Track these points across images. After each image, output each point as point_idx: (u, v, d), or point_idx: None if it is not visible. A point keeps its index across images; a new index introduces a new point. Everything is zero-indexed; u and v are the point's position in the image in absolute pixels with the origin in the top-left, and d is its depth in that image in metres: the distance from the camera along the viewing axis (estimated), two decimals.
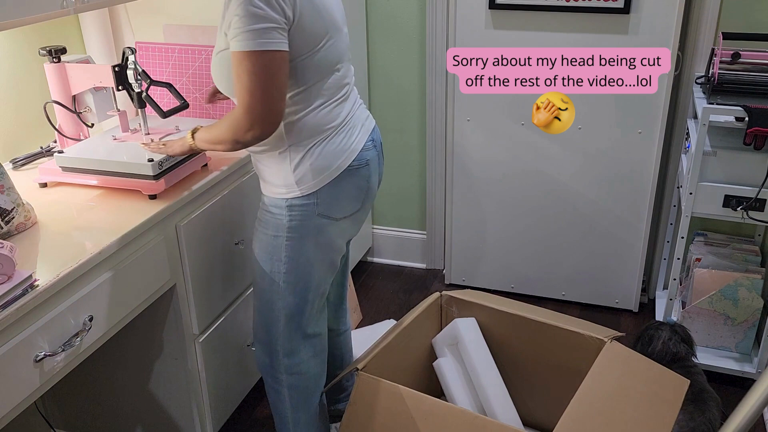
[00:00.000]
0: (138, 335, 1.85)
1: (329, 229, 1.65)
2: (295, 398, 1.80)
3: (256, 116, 1.44)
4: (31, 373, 1.33)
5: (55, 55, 1.84)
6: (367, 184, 1.69)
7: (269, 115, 1.45)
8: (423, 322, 2.02)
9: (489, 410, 1.87)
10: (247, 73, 1.41)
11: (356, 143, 1.64)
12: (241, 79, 1.42)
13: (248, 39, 1.38)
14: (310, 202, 1.60)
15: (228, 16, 1.41)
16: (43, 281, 1.34)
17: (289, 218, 1.61)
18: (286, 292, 1.68)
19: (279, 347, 1.74)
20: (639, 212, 2.60)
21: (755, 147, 2.03)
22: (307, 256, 1.65)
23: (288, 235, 1.62)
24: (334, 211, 1.63)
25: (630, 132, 2.50)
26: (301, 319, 1.72)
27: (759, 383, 1.05)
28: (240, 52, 1.40)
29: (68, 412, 2.07)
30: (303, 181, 1.58)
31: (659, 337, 2.03)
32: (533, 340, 1.95)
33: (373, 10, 2.77)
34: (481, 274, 2.92)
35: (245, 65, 1.41)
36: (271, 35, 1.39)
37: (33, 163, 1.93)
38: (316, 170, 1.58)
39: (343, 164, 1.61)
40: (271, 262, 1.66)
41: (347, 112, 1.63)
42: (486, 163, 2.71)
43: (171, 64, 2.11)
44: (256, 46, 1.39)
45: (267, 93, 1.43)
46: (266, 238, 1.65)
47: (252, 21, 1.37)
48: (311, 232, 1.63)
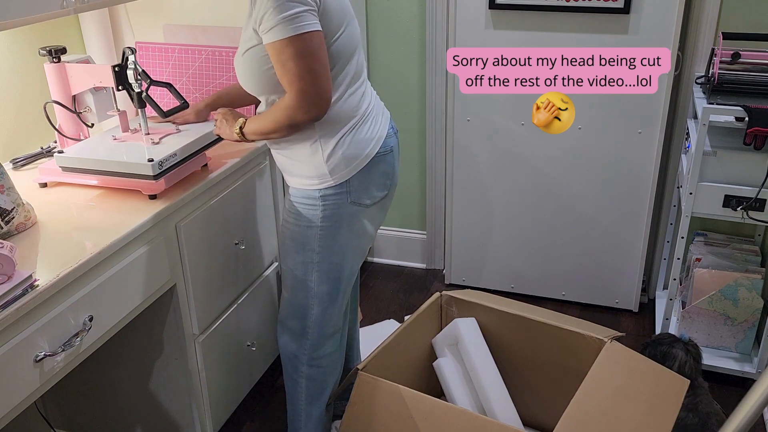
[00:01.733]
0: (138, 335, 1.85)
1: (361, 216, 1.70)
2: (311, 390, 1.84)
3: (310, 97, 1.48)
4: (31, 373, 1.33)
5: (55, 55, 1.84)
6: (392, 170, 1.74)
7: (323, 93, 1.50)
8: (423, 322, 2.02)
9: (489, 410, 1.87)
10: (292, 59, 1.45)
11: (381, 130, 1.70)
12: (287, 67, 1.46)
13: (286, 26, 1.43)
14: (342, 190, 1.64)
15: (257, 12, 1.46)
16: (43, 281, 1.34)
17: (323, 208, 1.65)
18: (320, 281, 1.72)
19: (309, 336, 1.79)
20: (639, 212, 2.60)
21: (755, 147, 2.03)
22: (341, 244, 1.69)
23: (322, 225, 1.66)
24: (365, 197, 1.68)
25: (630, 132, 2.50)
26: (333, 308, 1.77)
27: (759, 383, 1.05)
28: (280, 40, 1.44)
29: (68, 412, 2.07)
30: (336, 171, 1.62)
31: (674, 357, 1.96)
32: (533, 340, 1.95)
33: (373, 10, 2.77)
34: (481, 274, 2.92)
35: (289, 51, 1.45)
36: (306, 18, 1.44)
37: (33, 163, 1.93)
38: (348, 159, 1.62)
39: (372, 152, 1.66)
40: (304, 253, 1.70)
41: (369, 100, 1.69)
42: (486, 163, 2.71)
43: (171, 64, 2.11)
44: (295, 30, 1.43)
45: (315, 73, 1.47)
46: (299, 230, 1.69)
47: (286, 8, 1.42)
48: (345, 220, 1.67)
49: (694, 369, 1.95)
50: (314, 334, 1.79)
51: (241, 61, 1.59)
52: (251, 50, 1.54)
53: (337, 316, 1.81)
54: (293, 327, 1.80)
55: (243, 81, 1.63)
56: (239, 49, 1.59)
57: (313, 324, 1.77)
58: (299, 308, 1.77)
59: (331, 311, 1.77)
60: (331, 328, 1.81)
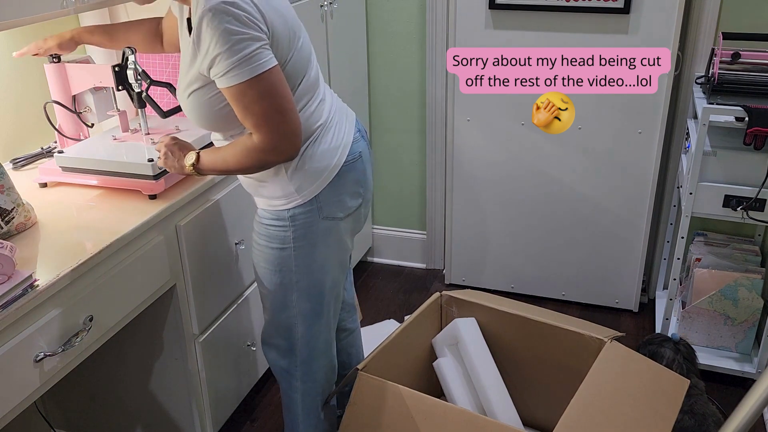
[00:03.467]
0: (138, 335, 1.85)
1: (336, 230, 1.61)
2: (308, 403, 1.79)
3: (282, 138, 1.41)
4: (31, 373, 1.33)
5: (55, 55, 1.84)
6: (364, 176, 1.64)
7: (294, 131, 1.42)
8: (423, 322, 2.02)
9: (489, 410, 1.87)
10: (256, 102, 1.36)
11: (346, 136, 1.59)
12: (252, 110, 1.37)
13: (243, 67, 1.33)
14: (313, 207, 1.55)
15: (204, 56, 1.35)
16: (43, 281, 1.34)
17: (294, 228, 1.56)
18: (302, 300, 1.64)
19: (297, 353, 1.71)
20: (639, 212, 2.60)
21: (755, 147, 2.03)
22: (319, 262, 1.61)
23: (295, 245, 1.57)
24: (338, 210, 1.59)
25: (630, 132, 2.50)
26: (319, 323, 1.69)
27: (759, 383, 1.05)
28: (238, 84, 1.34)
29: (68, 412, 2.07)
30: (303, 187, 1.53)
31: (662, 356, 1.97)
32: (533, 340, 1.95)
33: (373, 11, 2.77)
34: (480, 274, 2.92)
35: (251, 94, 1.36)
36: (262, 55, 1.34)
37: (33, 163, 1.93)
38: (313, 173, 1.53)
39: (339, 161, 1.56)
40: (281, 275, 1.61)
41: (329, 108, 1.58)
42: (486, 163, 2.71)
43: (171, 64, 2.11)
44: (254, 71, 1.34)
45: (282, 111, 1.39)
46: (271, 252, 1.60)
47: (240, 49, 1.32)
48: (319, 237, 1.58)
49: (684, 368, 1.95)
50: (303, 351, 1.71)
51: (186, 102, 1.48)
52: (197, 92, 1.44)
53: (326, 329, 1.72)
54: (280, 345, 1.72)
55: (195, 121, 1.51)
56: (181, 90, 1.48)
57: (300, 341, 1.69)
58: (283, 328, 1.69)
59: (317, 327, 1.69)
60: (321, 343, 1.72)
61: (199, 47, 1.35)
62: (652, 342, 2.04)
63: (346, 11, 2.60)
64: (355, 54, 2.74)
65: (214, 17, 1.30)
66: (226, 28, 1.30)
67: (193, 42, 1.36)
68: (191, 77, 1.43)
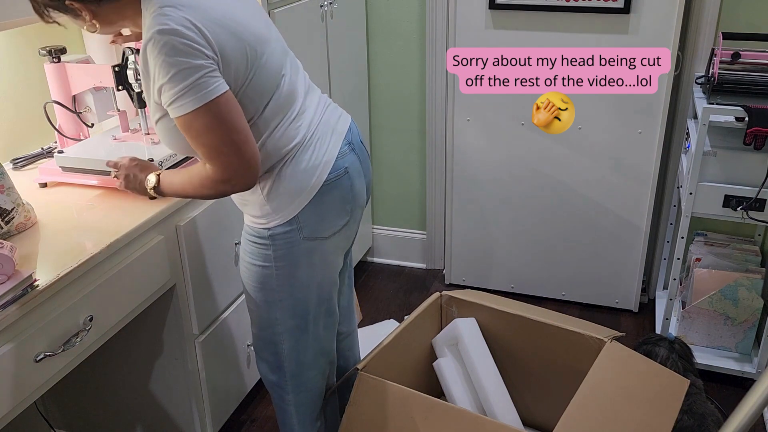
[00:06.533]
0: (138, 335, 1.85)
1: (320, 250, 1.54)
2: (302, 414, 1.77)
3: (235, 171, 1.33)
4: (31, 373, 1.33)
5: (55, 55, 1.84)
6: (351, 193, 1.54)
7: (248, 161, 1.34)
8: (423, 322, 2.02)
9: (489, 410, 1.87)
10: (205, 133, 1.29)
11: (329, 154, 1.49)
12: (201, 140, 1.30)
13: (188, 97, 1.26)
14: (293, 227, 1.48)
15: (151, 86, 1.30)
16: (43, 281, 1.34)
17: (274, 248, 1.50)
18: (286, 317, 1.60)
19: (285, 367, 1.67)
20: (639, 212, 2.60)
21: (755, 147, 2.03)
22: (301, 280, 1.55)
23: (277, 265, 1.52)
24: (321, 230, 1.51)
25: (630, 132, 2.50)
26: (306, 339, 1.65)
27: (759, 383, 1.05)
28: (185, 115, 1.28)
29: (68, 412, 2.07)
30: (280, 208, 1.47)
31: (656, 354, 1.97)
32: (533, 340, 1.95)
33: (373, 11, 2.77)
34: (480, 274, 2.92)
35: (198, 125, 1.28)
36: (207, 82, 1.26)
37: (33, 163, 1.93)
38: (290, 194, 1.46)
39: (319, 180, 1.47)
40: (264, 292, 1.57)
41: (308, 124, 1.48)
42: (486, 163, 2.71)
43: None
44: (200, 100, 1.26)
45: (234, 143, 1.31)
46: (255, 269, 1.55)
47: (180, 79, 1.25)
48: (301, 257, 1.52)
49: (679, 366, 1.96)
50: (291, 366, 1.66)
51: (157, 129, 1.42)
52: (162, 120, 1.38)
53: (314, 341, 1.67)
54: (267, 357, 1.69)
55: (168, 147, 1.47)
56: (150, 116, 1.44)
57: (287, 357, 1.65)
58: (269, 343, 1.65)
59: (304, 341, 1.64)
60: (310, 355, 1.67)
61: (148, 75, 1.30)
62: (648, 341, 2.04)
63: (346, 11, 2.60)
64: (355, 54, 2.74)
65: (153, 47, 1.25)
66: (164, 60, 1.24)
67: (143, 71, 1.31)
68: (152, 106, 1.37)
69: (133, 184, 1.55)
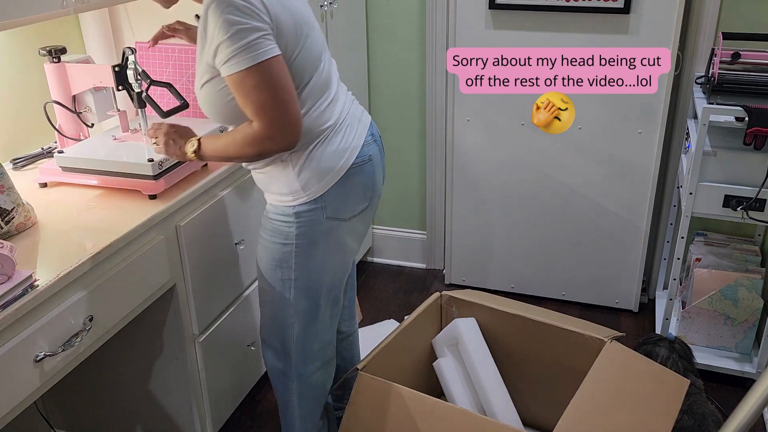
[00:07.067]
0: (138, 335, 1.85)
1: (339, 231, 1.62)
2: (304, 406, 1.79)
3: (280, 127, 1.42)
4: (31, 373, 1.33)
5: (55, 55, 1.84)
6: (372, 180, 1.66)
7: (294, 121, 1.43)
8: (423, 322, 2.02)
9: (489, 410, 1.87)
10: (255, 90, 1.38)
11: (356, 140, 1.61)
12: (250, 98, 1.39)
13: (244, 55, 1.36)
14: (317, 206, 1.57)
15: (209, 46, 1.39)
16: (43, 281, 1.34)
17: (298, 225, 1.58)
18: (299, 298, 1.65)
19: (293, 354, 1.71)
20: (639, 212, 2.60)
21: (755, 147, 2.03)
22: (317, 261, 1.62)
23: (297, 242, 1.59)
24: (343, 212, 1.60)
25: (630, 132, 2.50)
26: (315, 325, 1.70)
27: (759, 383, 1.05)
28: (238, 72, 1.37)
29: (68, 412, 2.07)
30: (308, 186, 1.55)
31: (656, 354, 1.97)
32: (533, 340, 1.95)
33: (373, 10, 2.77)
34: (480, 274, 2.92)
35: (250, 82, 1.38)
36: (263, 44, 1.37)
37: (33, 163, 1.93)
38: (320, 173, 1.55)
39: (347, 163, 1.58)
40: (281, 270, 1.63)
41: (340, 111, 1.59)
42: (486, 163, 2.71)
43: (171, 64, 2.11)
44: (254, 59, 1.36)
45: (281, 101, 1.40)
46: (274, 247, 1.62)
47: (239, 38, 1.35)
48: (321, 236, 1.60)
49: (679, 366, 1.96)
50: (297, 352, 1.71)
51: (200, 94, 1.51)
52: (209, 84, 1.47)
53: (322, 331, 1.73)
54: (274, 345, 1.74)
55: (207, 113, 1.55)
56: (196, 82, 1.51)
57: (295, 342, 1.70)
58: (280, 326, 1.70)
59: (313, 328, 1.70)
60: (317, 344, 1.73)
61: (205, 37, 1.39)
62: (648, 342, 2.04)
63: (346, 11, 2.60)
64: (355, 54, 2.74)
65: (218, 7, 1.34)
66: (227, 18, 1.34)
67: (201, 33, 1.40)
68: (202, 69, 1.46)
69: (173, 149, 1.61)
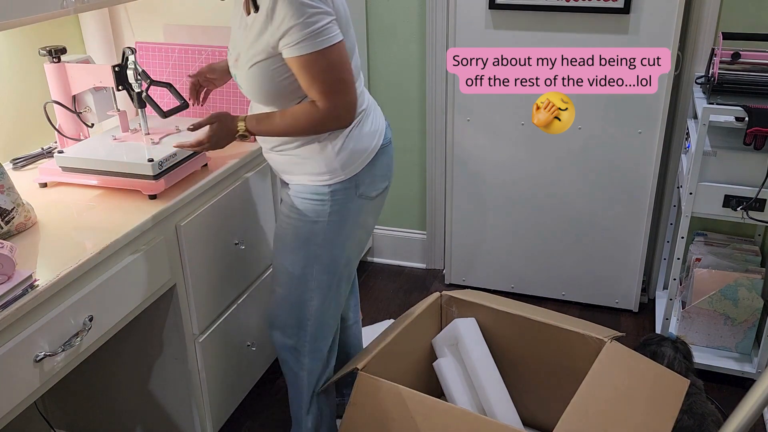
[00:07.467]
0: (138, 335, 1.85)
1: (366, 209, 1.73)
2: (312, 383, 1.85)
3: (344, 106, 1.54)
4: (31, 373, 1.33)
5: (55, 55, 1.84)
6: (391, 161, 1.78)
7: (354, 101, 1.56)
8: (423, 322, 2.02)
9: (489, 410, 1.87)
10: (325, 71, 1.49)
11: (380, 123, 1.74)
12: (319, 78, 1.50)
13: (315, 39, 1.46)
14: (351, 185, 1.67)
15: (277, 28, 1.47)
16: (43, 281, 1.34)
17: (332, 203, 1.67)
18: (320, 274, 1.73)
19: (308, 329, 1.79)
20: (639, 212, 2.60)
21: (755, 147, 2.03)
22: (343, 237, 1.71)
23: (329, 219, 1.68)
24: (371, 189, 1.71)
25: (630, 132, 2.50)
26: (331, 300, 1.78)
27: (759, 383, 1.05)
28: (311, 54, 1.47)
29: (68, 412, 2.07)
30: (346, 165, 1.65)
31: (663, 355, 1.98)
32: (533, 340, 1.95)
33: (373, 10, 2.77)
34: (481, 274, 2.92)
35: (321, 64, 1.48)
36: (331, 29, 1.48)
37: (33, 163, 1.93)
38: (356, 153, 1.66)
39: (377, 144, 1.70)
40: (307, 247, 1.70)
41: (367, 97, 1.72)
42: (486, 163, 2.71)
43: (171, 64, 2.11)
44: (325, 42, 1.47)
45: (347, 82, 1.53)
46: (303, 225, 1.69)
47: (313, 21, 1.45)
48: (351, 214, 1.70)
49: (684, 366, 1.95)
50: (313, 326, 1.79)
51: (247, 74, 1.58)
52: (261, 64, 1.54)
53: (336, 308, 1.82)
54: (288, 322, 1.80)
55: (251, 92, 1.62)
56: (243, 63, 1.58)
57: (312, 316, 1.77)
58: (296, 303, 1.77)
59: (329, 302, 1.78)
60: (330, 320, 1.81)
61: (272, 20, 1.47)
62: (651, 342, 2.03)
63: None
64: None
65: None
66: (302, 2, 1.44)
67: (267, 15, 1.47)
68: (257, 49, 1.53)
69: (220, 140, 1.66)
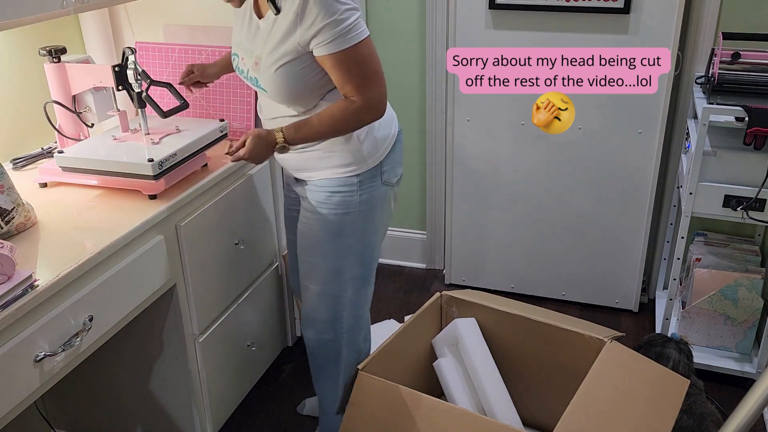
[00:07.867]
0: (138, 335, 1.85)
1: (389, 195, 1.77)
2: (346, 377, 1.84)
3: (378, 98, 1.58)
4: (31, 373, 1.33)
5: (55, 55, 1.84)
6: (402, 147, 1.83)
7: (385, 93, 1.60)
8: (423, 322, 2.02)
9: (489, 410, 1.87)
10: (359, 65, 1.53)
11: (393, 112, 1.78)
12: (354, 73, 1.54)
13: (348, 35, 1.49)
14: (377, 172, 1.71)
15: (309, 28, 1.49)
16: (43, 281, 1.34)
17: (361, 192, 1.69)
18: (354, 264, 1.76)
19: (345, 321, 1.81)
20: (639, 212, 2.60)
21: (755, 147, 2.03)
22: (373, 225, 1.75)
23: (359, 209, 1.71)
24: (393, 176, 1.76)
25: (630, 132, 2.50)
26: (365, 291, 1.82)
27: (759, 383, 1.05)
28: (345, 50, 1.50)
29: (68, 412, 2.07)
30: (372, 154, 1.69)
31: (668, 357, 1.97)
32: (533, 340, 1.95)
33: (373, 10, 2.77)
34: (480, 274, 2.92)
35: (355, 58, 1.52)
36: (361, 24, 1.53)
37: (33, 163, 1.93)
38: (380, 141, 1.70)
39: (395, 131, 1.76)
40: (339, 240, 1.72)
41: None
42: (486, 163, 2.71)
43: (171, 64, 2.11)
44: (357, 37, 1.51)
45: (379, 74, 1.58)
46: (335, 219, 1.70)
47: (345, 18, 1.48)
48: (378, 201, 1.74)
49: (688, 368, 1.95)
50: (350, 318, 1.81)
51: (273, 76, 1.58)
52: (289, 64, 1.55)
53: (368, 297, 1.85)
54: (324, 317, 1.81)
55: (275, 93, 1.61)
56: (266, 66, 1.58)
57: (348, 308, 1.80)
58: (331, 297, 1.78)
59: (364, 293, 1.82)
60: (365, 312, 1.85)
61: (302, 20, 1.49)
62: (654, 343, 2.02)
63: None
64: None
65: None
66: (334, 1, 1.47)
67: (296, 15, 1.49)
68: (284, 50, 1.55)
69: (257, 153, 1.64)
